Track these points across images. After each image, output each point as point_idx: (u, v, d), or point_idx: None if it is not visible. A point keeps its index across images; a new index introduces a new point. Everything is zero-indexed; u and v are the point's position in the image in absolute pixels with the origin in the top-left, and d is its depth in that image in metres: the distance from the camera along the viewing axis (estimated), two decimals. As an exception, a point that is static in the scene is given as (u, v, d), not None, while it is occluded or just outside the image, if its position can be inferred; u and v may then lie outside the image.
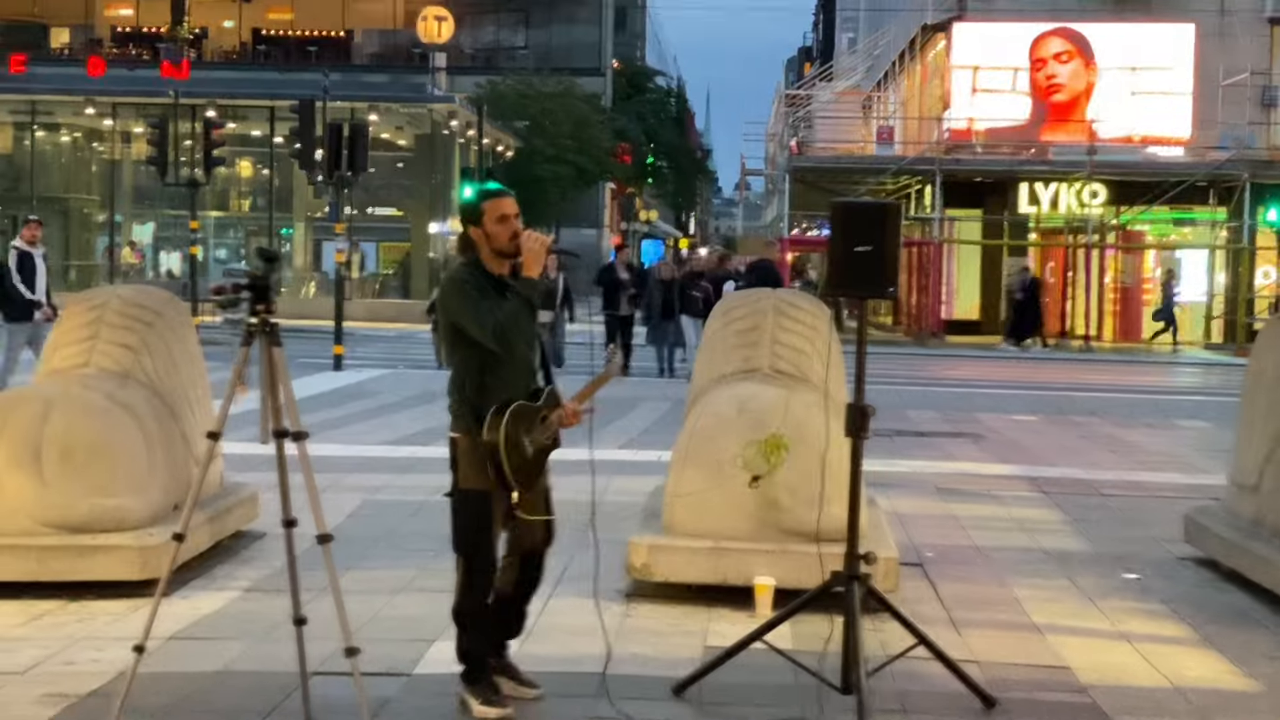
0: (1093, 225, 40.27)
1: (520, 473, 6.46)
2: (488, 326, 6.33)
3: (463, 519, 6.59)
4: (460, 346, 6.52)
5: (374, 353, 28.32)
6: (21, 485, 8.50)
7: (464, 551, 6.59)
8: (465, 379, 6.51)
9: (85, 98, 49.09)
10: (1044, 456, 16.40)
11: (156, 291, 10.43)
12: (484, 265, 6.55)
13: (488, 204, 6.57)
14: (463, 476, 6.56)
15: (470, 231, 6.60)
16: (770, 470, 8.50)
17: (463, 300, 6.43)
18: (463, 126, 49.96)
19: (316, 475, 6.31)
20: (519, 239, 6.48)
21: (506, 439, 6.37)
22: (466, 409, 6.50)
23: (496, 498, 6.51)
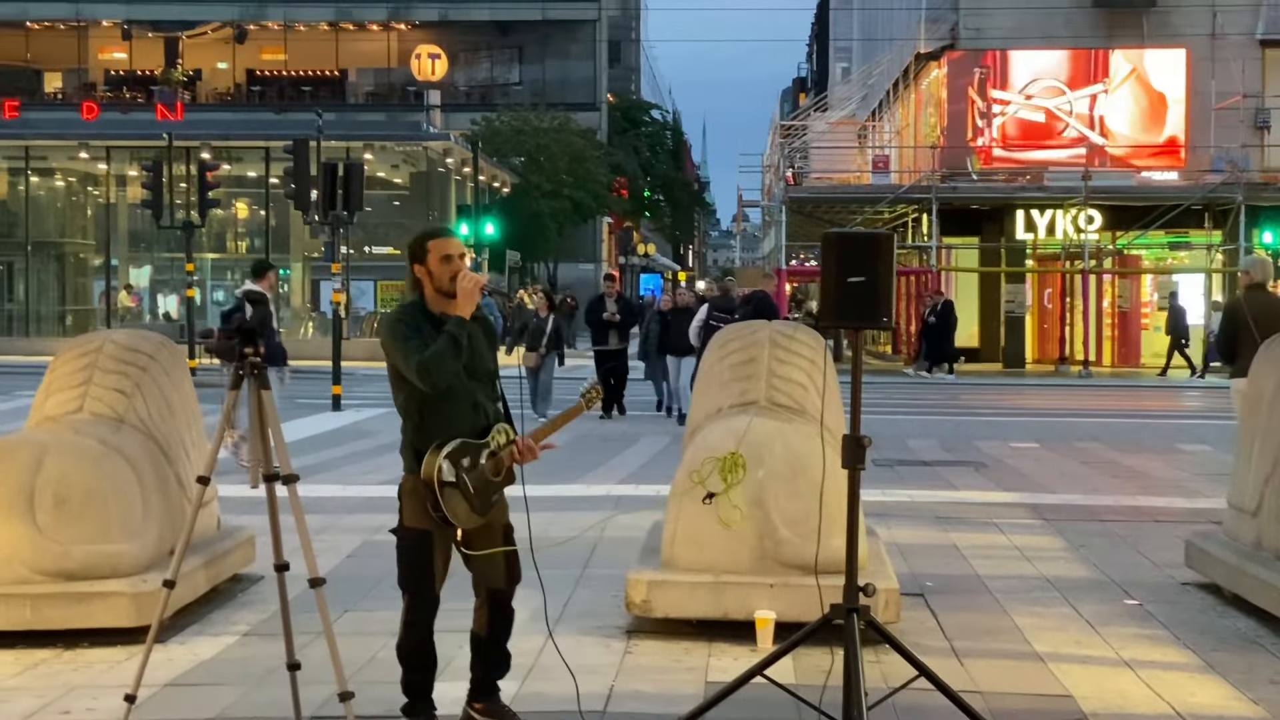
0: (1089, 251, 40.28)
1: (459, 509, 6.45)
2: (413, 364, 6.34)
3: (403, 557, 6.61)
4: (400, 387, 6.55)
5: (373, 392, 28.20)
6: (15, 533, 8.45)
7: (404, 588, 6.65)
8: (406, 419, 6.55)
9: (79, 142, 49.08)
10: (1044, 483, 16.35)
11: (150, 335, 10.38)
12: (426, 304, 6.58)
13: (433, 243, 6.60)
14: (405, 514, 6.58)
15: (415, 269, 6.62)
16: (726, 489, 8.49)
17: (393, 338, 6.45)
18: (458, 164, 50.01)
19: (316, 515, 6.29)
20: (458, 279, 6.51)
21: (441, 475, 6.37)
22: (408, 448, 6.56)
23: (439, 537, 6.54)
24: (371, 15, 68.33)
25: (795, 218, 47.89)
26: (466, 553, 6.62)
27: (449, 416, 6.47)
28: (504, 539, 6.72)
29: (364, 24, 68.76)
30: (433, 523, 6.47)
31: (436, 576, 6.60)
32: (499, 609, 6.79)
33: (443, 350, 6.36)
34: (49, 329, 50.35)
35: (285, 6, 68.05)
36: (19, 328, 50.53)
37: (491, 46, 70.13)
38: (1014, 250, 43.02)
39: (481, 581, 6.74)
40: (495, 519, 6.66)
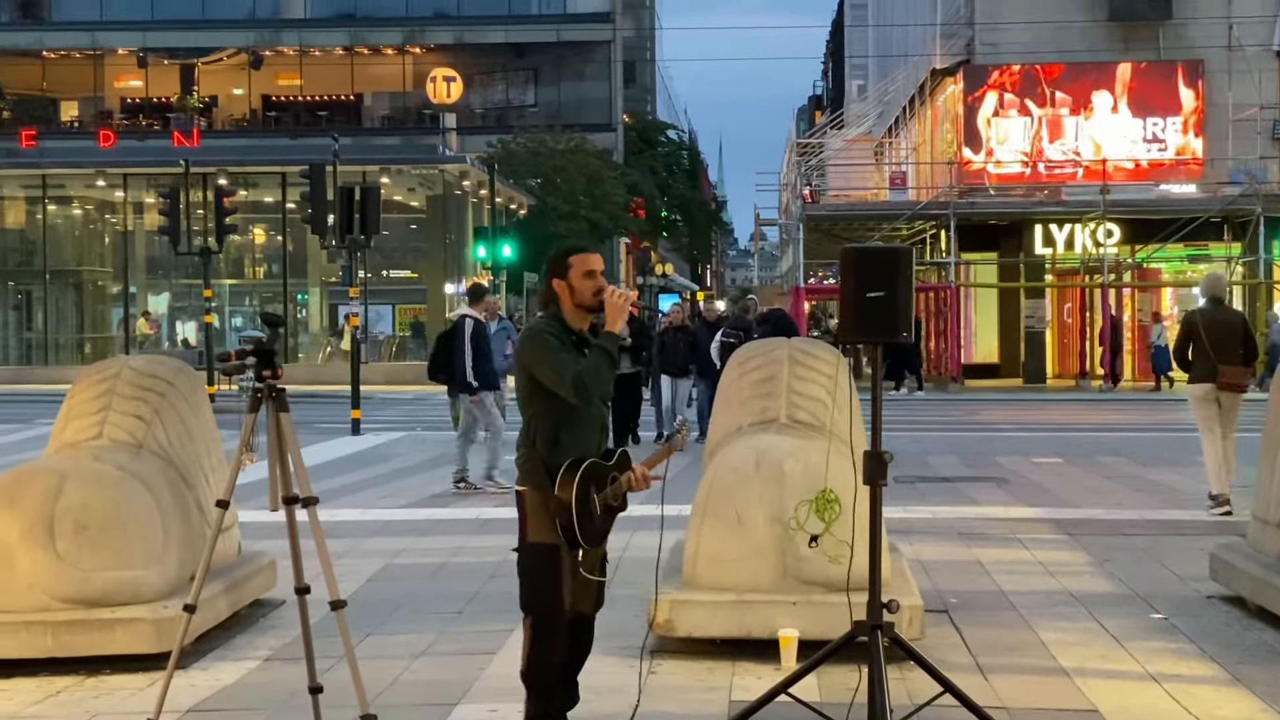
0: (1108, 264, 40.19)
1: (588, 531, 6.31)
2: (568, 376, 6.21)
3: (530, 574, 6.44)
4: (535, 399, 6.38)
5: (392, 416, 28.28)
6: (36, 560, 8.44)
7: (531, 608, 6.45)
8: (537, 433, 6.38)
9: (96, 170, 49.29)
10: (1067, 498, 16.28)
11: (168, 360, 10.39)
12: (564, 319, 6.46)
13: (575, 258, 6.49)
14: (531, 530, 6.39)
15: (554, 284, 6.50)
16: (828, 527, 8.40)
17: (544, 350, 6.31)
18: (475, 186, 50.07)
19: (336, 540, 6.26)
20: (602, 294, 6.41)
21: (578, 496, 6.25)
22: (537, 463, 6.36)
23: (565, 554, 6.36)
24: (386, 39, 68.49)
25: (813, 235, 47.90)
26: (585, 575, 6.44)
27: (581, 435, 6.36)
28: (601, 567, 6.62)
29: (379, 48, 68.94)
30: (560, 540, 6.32)
31: (565, 596, 6.40)
32: (583, 634, 6.64)
33: (599, 364, 6.26)
34: (68, 357, 50.50)
35: (300, 32, 68.28)
36: (38, 356, 50.69)
37: (507, 69, 70.27)
38: (1033, 265, 42.97)
39: (572, 606, 6.50)
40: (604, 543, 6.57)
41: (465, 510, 15.51)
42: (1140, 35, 43.86)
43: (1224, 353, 14.27)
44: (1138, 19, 43.65)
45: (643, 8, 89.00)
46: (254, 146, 57.65)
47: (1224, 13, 43.17)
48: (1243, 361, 14.38)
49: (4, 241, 53.44)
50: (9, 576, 8.44)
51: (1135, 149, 42.99)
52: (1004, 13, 44.00)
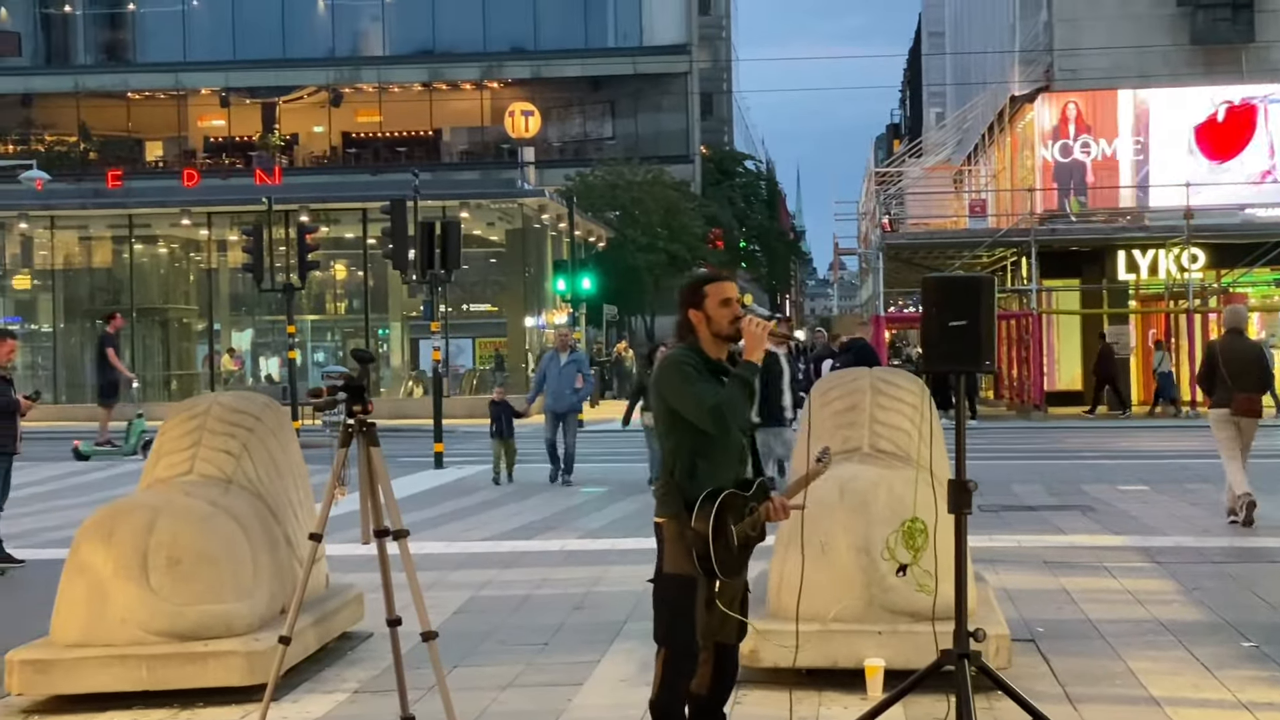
0: (1193, 290, 39.81)
1: (725, 563, 6.28)
2: (707, 405, 6.20)
3: (666, 605, 6.41)
4: (675, 430, 6.37)
5: (473, 449, 28.34)
6: (130, 594, 8.56)
7: (665, 639, 6.41)
8: (676, 464, 6.37)
9: (180, 209, 49.84)
10: (1154, 526, 16.12)
11: (256, 396, 10.52)
12: (702, 349, 6.46)
13: (710, 287, 6.49)
14: (668, 561, 6.38)
15: (690, 314, 6.49)
16: (916, 557, 8.37)
17: (682, 380, 6.31)
18: (554, 219, 50.26)
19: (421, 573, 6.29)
20: (739, 322, 6.40)
21: (716, 527, 6.22)
22: (675, 493, 6.35)
23: (700, 585, 6.34)
24: (464, 75, 68.96)
25: (892, 264, 47.75)
26: (717, 608, 6.40)
27: (719, 466, 6.34)
28: (744, 595, 6.60)
29: (457, 84, 69.41)
30: (696, 571, 6.31)
31: (698, 628, 6.38)
32: (726, 665, 6.62)
33: (736, 393, 6.27)
34: (154, 394, 50.98)
35: (379, 69, 68.87)
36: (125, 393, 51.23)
37: (584, 102, 70.56)
38: (1116, 291, 42.62)
39: (711, 635, 6.48)
40: (742, 575, 6.54)
41: (549, 543, 15.56)
42: (1223, 58, 43.48)
43: (1241, 381, 15.33)
44: (1220, 42, 43.28)
45: (719, 39, 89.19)
46: (335, 183, 58.14)
47: (1309, 34, 42.79)
48: (1258, 389, 15.55)
49: (91, 280, 54.09)
50: (104, 610, 8.57)
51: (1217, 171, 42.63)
52: (1083, 38, 43.75)
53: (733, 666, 6.65)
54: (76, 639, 8.63)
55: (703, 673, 6.53)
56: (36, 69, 68.55)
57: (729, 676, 6.64)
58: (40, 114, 69.93)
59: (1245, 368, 15.41)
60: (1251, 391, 15.41)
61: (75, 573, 8.75)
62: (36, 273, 52.77)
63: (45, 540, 16.05)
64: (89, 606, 8.63)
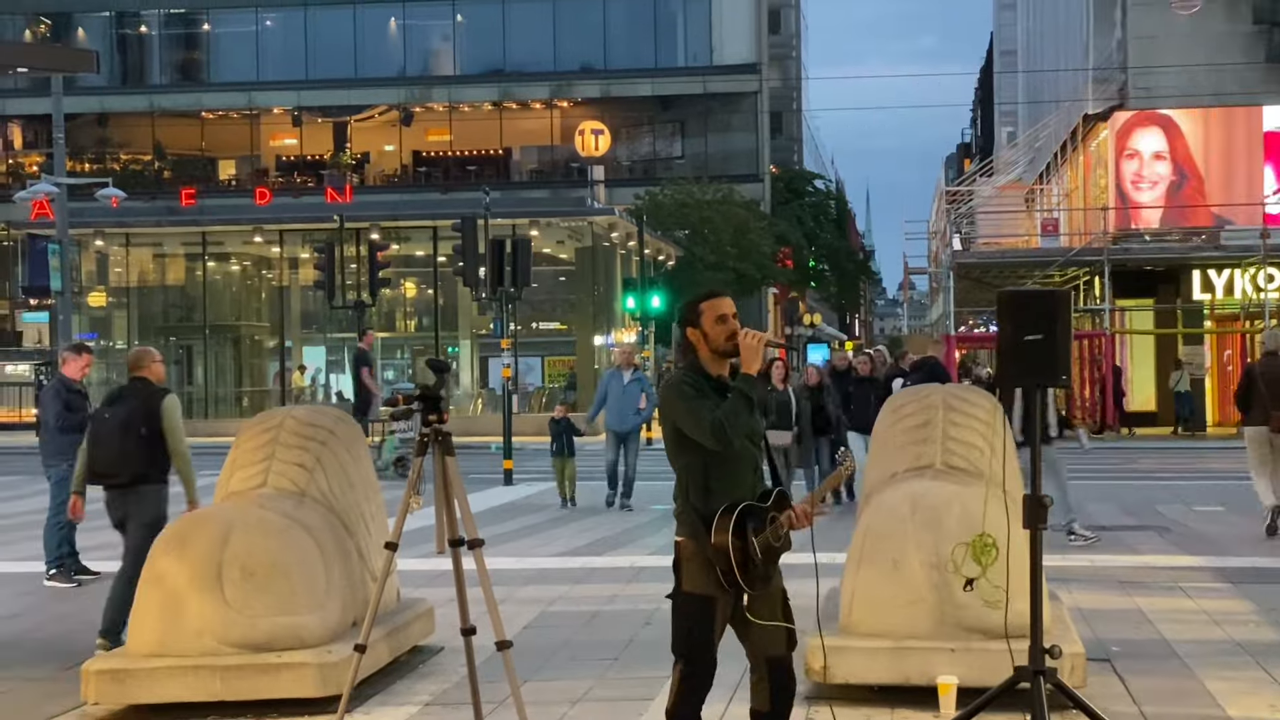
0: (1270, 310, 39.41)
1: (749, 574, 6.28)
2: (706, 424, 6.22)
3: (682, 621, 6.40)
4: (684, 451, 6.40)
5: (542, 467, 28.35)
6: (204, 606, 8.63)
7: (681, 653, 6.40)
8: (689, 483, 6.39)
9: (253, 226, 50.26)
10: (1230, 547, 15.96)
11: (329, 410, 10.60)
12: (703, 367, 6.48)
13: (706, 304, 6.50)
14: (686, 579, 6.38)
15: (688, 334, 6.53)
16: (984, 571, 8.33)
17: (681, 400, 6.34)
18: (623, 238, 50.32)
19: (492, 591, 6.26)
20: (736, 338, 6.42)
21: (735, 540, 6.24)
22: (691, 513, 6.36)
23: (722, 603, 6.34)
24: (534, 94, 69.18)
25: (963, 284, 47.54)
26: (753, 620, 6.39)
27: (734, 480, 6.35)
28: (783, 604, 6.55)
29: (527, 103, 69.64)
30: (717, 587, 6.30)
31: (716, 642, 6.40)
32: (782, 678, 6.55)
33: (737, 407, 6.26)
34: (226, 410, 51.41)
35: (449, 88, 69.19)
36: (198, 409, 51.64)
37: (653, 121, 70.61)
38: (1191, 311, 42.25)
39: (760, 650, 6.47)
40: (776, 585, 6.50)
41: (619, 559, 15.56)
42: (1297, 77, 43.15)
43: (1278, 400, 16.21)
44: (1295, 60, 42.95)
45: (789, 59, 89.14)
46: (405, 201, 58.41)
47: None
48: None
49: (166, 298, 54.62)
50: (179, 621, 8.64)
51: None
52: (1157, 56, 43.43)
53: (790, 679, 6.58)
54: (152, 649, 8.70)
55: (761, 690, 6.50)
56: (112, 88, 69.25)
57: (788, 690, 6.58)
58: (116, 133, 70.68)
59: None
60: None
61: (151, 584, 8.83)
62: (112, 290, 53.30)
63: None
64: (164, 617, 8.70)
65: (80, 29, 70.85)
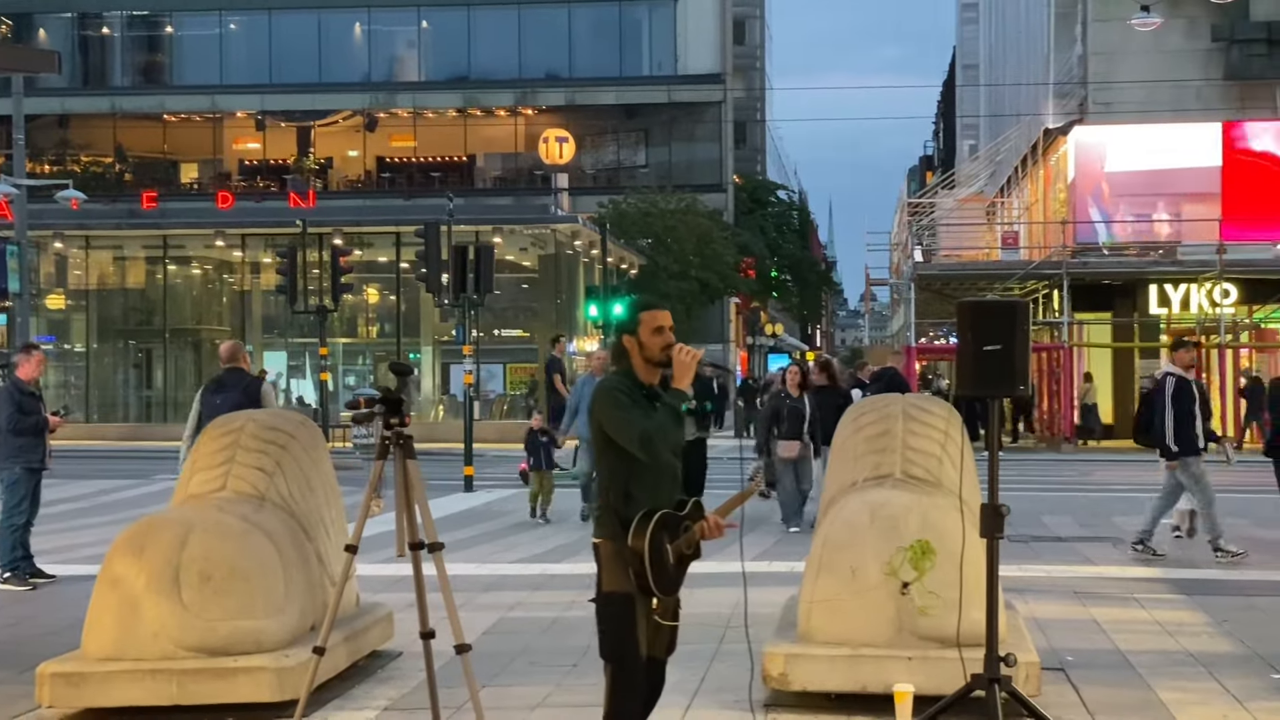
0: (1225, 325, 39.70)
1: (662, 579, 6.43)
2: (635, 433, 6.36)
3: (608, 623, 6.54)
4: (609, 453, 6.53)
5: (503, 473, 28.37)
6: (162, 609, 8.60)
7: (611, 656, 6.54)
8: (611, 485, 6.53)
9: (215, 230, 50.14)
10: (1185, 559, 16.07)
11: (290, 414, 10.57)
12: (635, 374, 6.59)
13: (645, 314, 6.63)
14: (606, 580, 6.53)
15: (624, 340, 6.65)
16: (919, 577, 8.40)
17: (613, 407, 6.47)
18: (586, 246, 50.36)
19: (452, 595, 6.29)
20: (670, 350, 6.52)
21: (651, 545, 6.36)
22: (611, 515, 6.50)
23: (640, 601, 6.49)
24: (498, 101, 69.14)
25: (924, 295, 47.73)
26: (660, 622, 6.55)
27: (654, 488, 6.48)
28: (674, 613, 6.68)
29: (491, 110, 69.59)
30: (633, 588, 6.45)
31: (641, 643, 6.51)
32: (656, 678, 6.72)
33: (666, 421, 6.42)
34: (186, 414, 50.92)
35: (414, 94, 69.09)
36: (157, 413, 51.51)
37: (618, 130, 70.66)
38: (1148, 325, 42.52)
39: (647, 650, 6.61)
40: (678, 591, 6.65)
41: (579, 565, 15.55)
42: (1257, 95, 43.47)
43: None
44: (1255, 78, 43.26)
45: (753, 69, 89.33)
46: (368, 207, 58.36)
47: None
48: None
49: (125, 301, 54.41)
50: (135, 624, 8.62)
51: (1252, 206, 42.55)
52: (1117, 72, 43.74)
53: (660, 681, 6.76)
54: (108, 653, 8.67)
55: None
56: (74, 90, 68.92)
57: (658, 688, 6.75)
58: (76, 134, 70.34)
59: None
60: None
61: (107, 587, 8.80)
62: (70, 292, 53.11)
63: (77, 556, 16.13)
64: (120, 620, 8.67)
65: (41, 30, 70.48)
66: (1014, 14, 61.90)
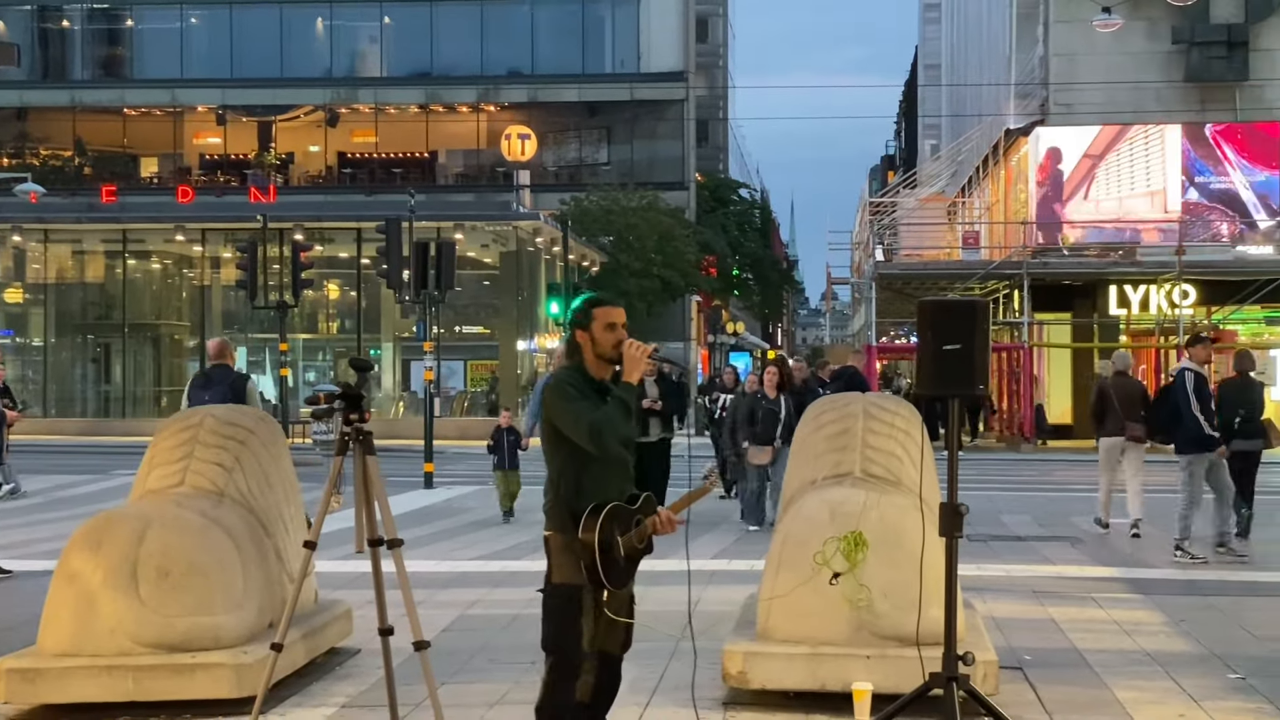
0: (1184, 326, 39.93)
1: (612, 573, 6.46)
2: (583, 425, 6.39)
3: (553, 614, 6.59)
4: (560, 447, 6.56)
5: (464, 470, 28.37)
6: (119, 605, 8.55)
7: (551, 647, 6.60)
8: (561, 479, 6.56)
9: (175, 225, 49.91)
10: (1143, 558, 16.16)
11: (250, 410, 10.53)
12: (586, 369, 6.63)
13: (598, 310, 6.69)
14: (556, 572, 6.58)
15: (577, 335, 6.69)
16: (851, 568, 8.43)
17: (563, 400, 6.50)
18: (548, 243, 50.32)
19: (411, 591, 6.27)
20: (622, 346, 6.57)
21: (601, 539, 6.40)
22: (562, 508, 6.54)
23: (588, 594, 6.50)
24: (461, 97, 68.97)
25: (885, 294, 47.86)
26: (610, 616, 6.56)
27: (605, 481, 6.51)
28: (628, 608, 6.71)
29: (453, 106, 69.42)
30: (584, 581, 6.47)
31: (585, 636, 6.54)
32: (610, 675, 6.74)
33: (614, 414, 6.44)
34: (145, 410, 50.99)
35: (376, 90, 68.87)
36: (115, 408, 51.25)
37: (580, 127, 70.58)
38: (1107, 326, 42.72)
39: (597, 645, 6.64)
40: (628, 586, 6.68)
41: (538, 563, 15.46)
42: (1217, 96, 43.74)
43: (1130, 413, 18.12)
44: (1215, 80, 43.53)
45: (716, 67, 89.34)
46: (329, 203, 58.12)
47: (1301, 74, 43.03)
48: (1142, 420, 18.01)
49: (84, 295, 54.14)
50: (92, 620, 8.56)
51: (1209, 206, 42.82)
52: (1079, 73, 43.96)
53: (616, 678, 6.79)
54: (64, 648, 8.62)
55: (587, 681, 6.66)
56: (33, 83, 68.48)
57: (612, 687, 6.78)
58: (35, 128, 69.88)
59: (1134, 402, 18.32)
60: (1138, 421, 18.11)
61: (64, 582, 8.74)
62: (29, 286, 52.79)
63: (34, 552, 16.04)
64: (77, 616, 8.62)
65: (0, 22, 70.05)
66: (976, 15, 62.12)
